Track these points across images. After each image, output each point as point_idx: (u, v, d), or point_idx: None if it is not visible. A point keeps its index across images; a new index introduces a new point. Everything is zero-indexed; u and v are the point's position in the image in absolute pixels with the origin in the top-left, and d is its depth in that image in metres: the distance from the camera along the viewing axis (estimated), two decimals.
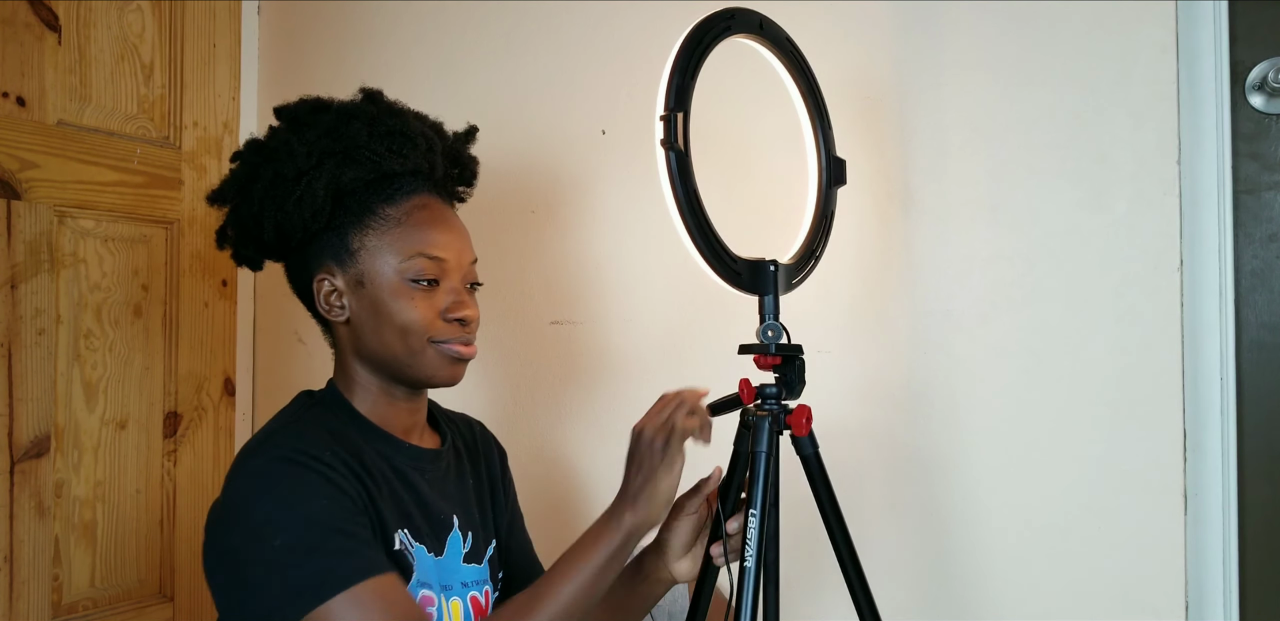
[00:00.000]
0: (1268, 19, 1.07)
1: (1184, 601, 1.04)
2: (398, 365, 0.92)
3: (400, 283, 0.91)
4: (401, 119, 0.95)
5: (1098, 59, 1.08)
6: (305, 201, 0.90)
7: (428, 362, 0.92)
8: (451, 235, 0.94)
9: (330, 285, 0.93)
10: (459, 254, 0.94)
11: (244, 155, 0.96)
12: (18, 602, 1.33)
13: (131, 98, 1.51)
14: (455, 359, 0.93)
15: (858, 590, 0.90)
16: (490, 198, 1.50)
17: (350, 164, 0.91)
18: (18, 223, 1.33)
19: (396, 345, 0.91)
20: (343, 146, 0.91)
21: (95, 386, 1.44)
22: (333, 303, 0.93)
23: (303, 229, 0.91)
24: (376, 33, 1.63)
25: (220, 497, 0.84)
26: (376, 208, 0.92)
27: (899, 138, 1.14)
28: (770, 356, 0.91)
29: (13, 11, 1.34)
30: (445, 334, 0.92)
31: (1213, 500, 1.05)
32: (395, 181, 0.93)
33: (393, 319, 0.91)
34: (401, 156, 0.92)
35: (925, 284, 1.17)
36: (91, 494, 1.44)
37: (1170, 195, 1.05)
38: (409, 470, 0.94)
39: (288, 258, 0.97)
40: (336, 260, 0.93)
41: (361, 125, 0.92)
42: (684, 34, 0.88)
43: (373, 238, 0.92)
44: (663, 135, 0.86)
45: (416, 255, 0.91)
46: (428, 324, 0.91)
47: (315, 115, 0.94)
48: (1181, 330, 1.05)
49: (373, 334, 0.92)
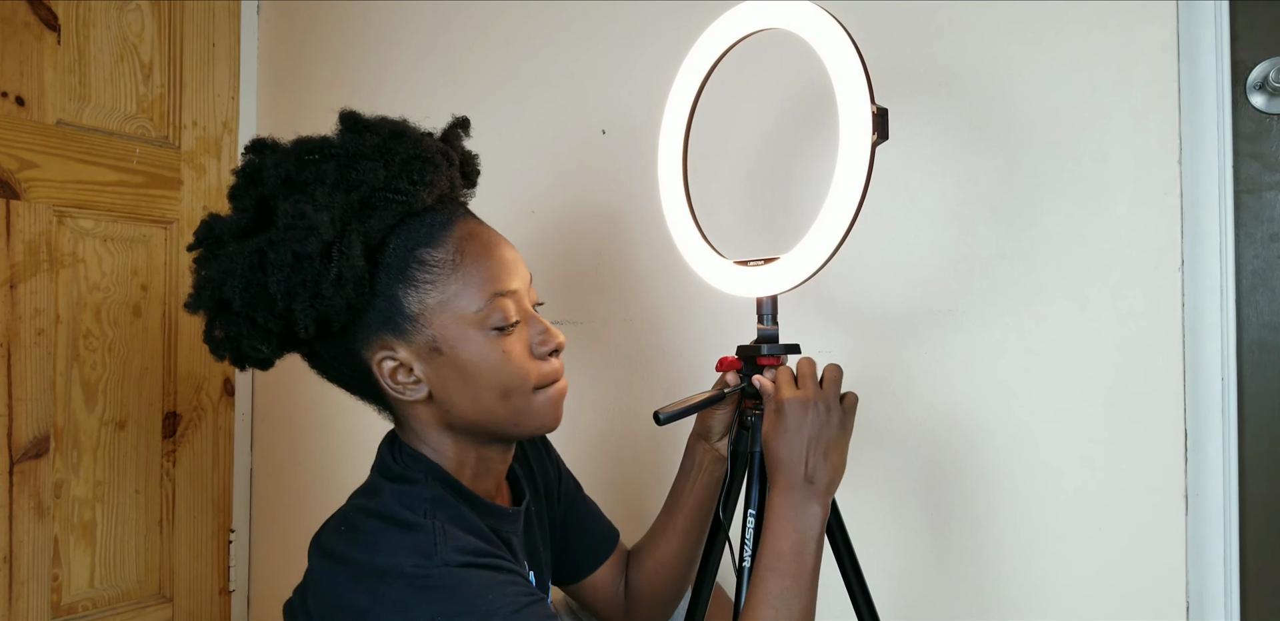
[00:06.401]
0: (1268, 19, 1.07)
1: (1184, 601, 1.04)
2: (500, 427, 0.80)
3: (483, 336, 0.76)
4: (409, 140, 0.79)
5: (1098, 59, 1.08)
6: (346, 278, 0.72)
7: (535, 413, 0.80)
8: (512, 255, 0.80)
9: (394, 361, 0.77)
10: (524, 276, 0.81)
11: (224, 241, 0.76)
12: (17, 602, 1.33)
13: (131, 97, 1.51)
14: (559, 399, 0.82)
15: (856, 590, 0.90)
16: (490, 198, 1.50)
17: (374, 213, 0.74)
18: (17, 222, 1.33)
19: (499, 408, 0.78)
20: (360, 196, 0.74)
21: (94, 386, 1.44)
22: (403, 380, 0.78)
23: (347, 310, 0.74)
24: (376, 33, 1.63)
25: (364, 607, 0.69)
26: (421, 255, 0.76)
27: (899, 137, 1.14)
28: (765, 357, 0.91)
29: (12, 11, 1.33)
30: (547, 376, 0.80)
31: (1213, 500, 1.05)
32: (426, 217, 0.78)
33: (489, 380, 0.77)
34: (429, 185, 0.77)
35: (925, 284, 1.16)
36: (91, 494, 1.43)
37: (1171, 195, 1.05)
38: (510, 536, 0.84)
39: (317, 345, 0.80)
40: (394, 331, 0.76)
41: (374, 163, 0.75)
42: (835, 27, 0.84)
43: (432, 292, 0.75)
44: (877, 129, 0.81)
45: (492, 297, 0.77)
46: (528, 373, 0.78)
47: (312, 168, 0.75)
48: (1182, 330, 1.05)
49: (468, 402, 0.78)
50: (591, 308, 1.41)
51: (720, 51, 0.98)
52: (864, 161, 0.82)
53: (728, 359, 0.93)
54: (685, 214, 0.99)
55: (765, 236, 1.27)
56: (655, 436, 1.35)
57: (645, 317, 1.37)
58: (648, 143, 0.87)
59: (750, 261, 0.92)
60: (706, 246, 0.97)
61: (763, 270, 0.90)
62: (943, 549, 1.16)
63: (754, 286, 0.92)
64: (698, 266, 0.98)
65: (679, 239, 1.00)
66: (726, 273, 0.94)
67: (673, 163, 1.00)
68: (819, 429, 0.79)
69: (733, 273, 0.94)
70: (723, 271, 0.95)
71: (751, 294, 0.92)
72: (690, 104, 1.00)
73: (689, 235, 0.99)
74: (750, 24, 0.94)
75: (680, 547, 1.00)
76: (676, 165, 1.00)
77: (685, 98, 1.00)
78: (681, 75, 1.00)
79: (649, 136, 0.85)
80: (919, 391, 1.17)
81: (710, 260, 0.97)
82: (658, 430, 1.34)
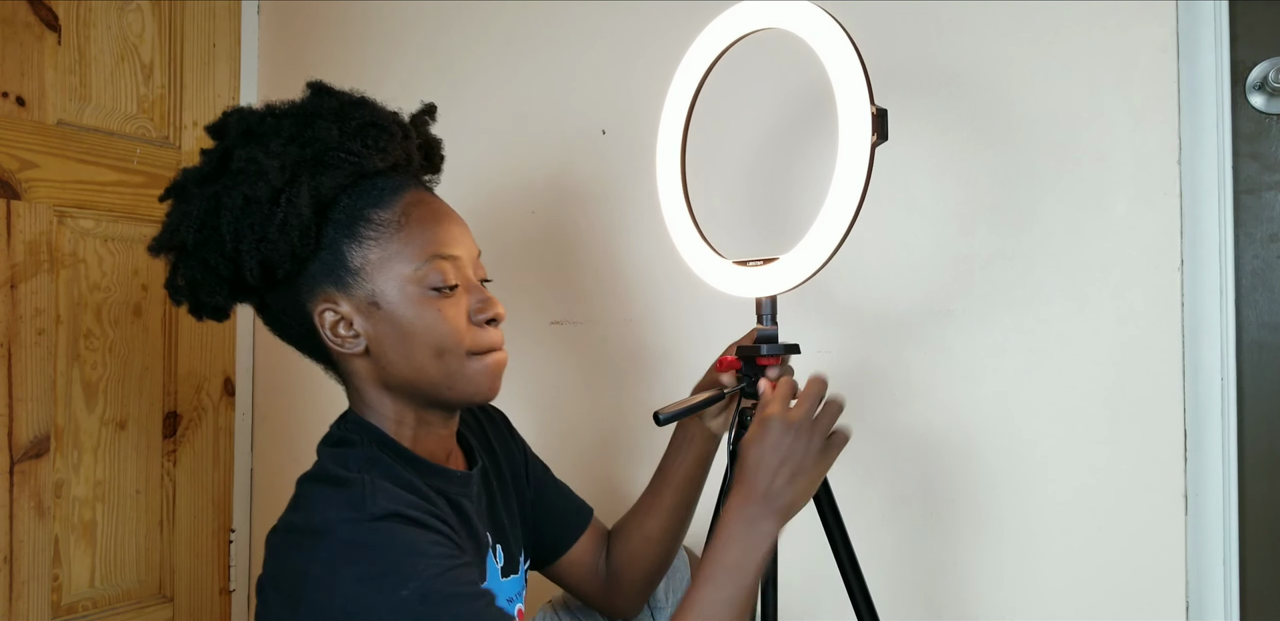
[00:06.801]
0: (1268, 19, 1.07)
1: (1184, 601, 1.04)
2: (435, 389, 0.83)
3: (420, 294, 0.81)
4: (368, 108, 0.85)
5: (1098, 59, 1.08)
6: (291, 224, 0.78)
7: (469, 379, 0.83)
8: (459, 227, 0.85)
9: (335, 314, 0.81)
10: (469, 248, 0.86)
11: (187, 188, 0.82)
12: (18, 602, 1.33)
13: (131, 97, 1.51)
14: (496, 370, 0.85)
15: (855, 590, 0.90)
16: (490, 198, 1.50)
17: (327, 170, 0.80)
18: (17, 222, 1.33)
19: (432, 367, 0.81)
20: (314, 151, 0.80)
21: (95, 386, 1.44)
22: (342, 333, 0.82)
23: (292, 257, 0.79)
24: (376, 33, 1.63)
25: (302, 569, 0.71)
26: (368, 214, 0.81)
27: (899, 137, 1.14)
28: (765, 357, 0.90)
29: (12, 11, 1.34)
30: (482, 343, 0.83)
31: (1213, 500, 1.05)
32: (378, 181, 0.83)
33: (423, 337, 0.81)
34: (382, 151, 0.83)
35: (925, 284, 1.16)
36: (91, 494, 1.44)
37: (1170, 195, 1.05)
38: (460, 499, 0.86)
39: (266, 296, 0.85)
40: (337, 284, 0.81)
41: (329, 123, 0.81)
42: (834, 28, 0.84)
43: (375, 249, 0.80)
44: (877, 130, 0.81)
45: (431, 258, 0.81)
46: (462, 335, 0.82)
47: (271, 122, 0.82)
48: (1182, 330, 1.05)
49: (403, 359, 0.81)
50: (591, 308, 1.41)
51: (719, 51, 0.98)
52: (863, 163, 0.82)
53: (727, 359, 0.93)
54: (684, 214, 0.99)
55: (764, 236, 1.27)
56: (654, 437, 1.36)
57: (645, 318, 1.37)
58: (647, 143, 0.87)
59: (750, 261, 0.92)
60: (706, 246, 0.97)
61: (762, 270, 0.90)
62: (942, 549, 1.16)
63: (753, 287, 0.92)
64: (697, 267, 0.98)
65: (678, 239, 1.00)
66: (726, 273, 0.94)
67: (671, 162, 1.00)
68: (795, 452, 0.77)
69: (732, 273, 0.94)
70: (722, 271, 0.95)
71: (751, 294, 0.92)
72: (689, 103, 1.00)
73: (688, 235, 0.99)
74: (749, 23, 0.94)
75: (668, 523, 0.99)
76: (675, 165, 1.00)
77: (684, 97, 1.00)
78: (680, 74, 1.00)
79: (649, 136, 0.85)
80: (919, 391, 1.17)
81: (710, 260, 0.96)
82: (657, 431, 1.34)
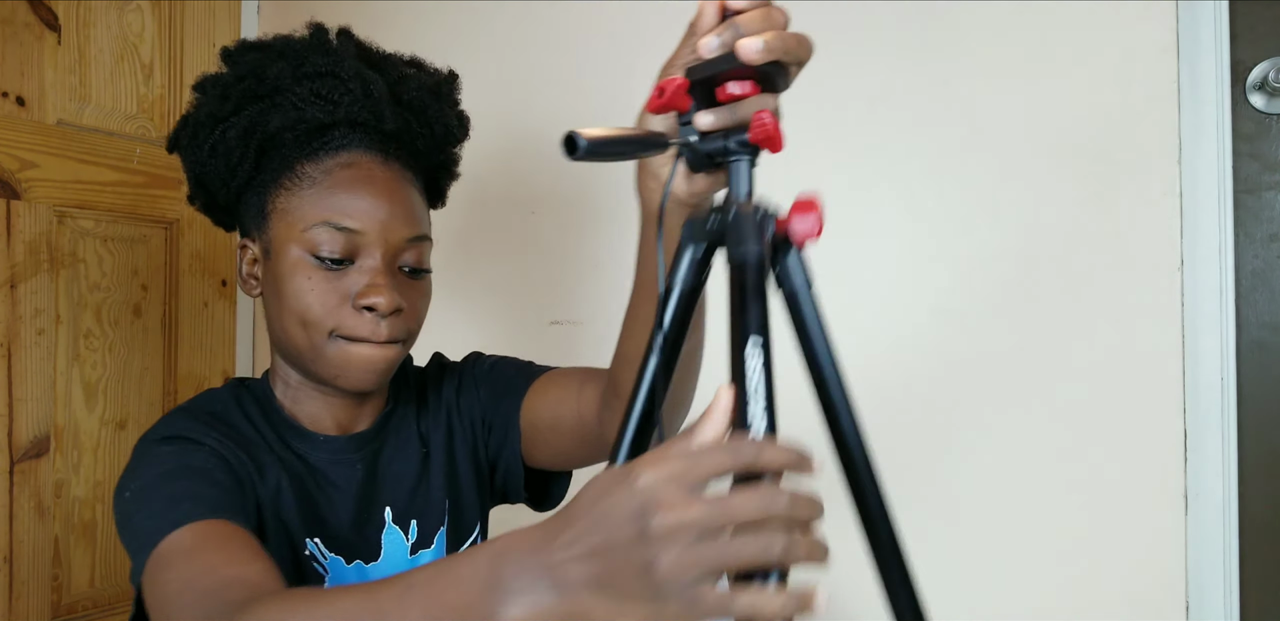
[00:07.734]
0: (1268, 19, 1.07)
1: (1184, 601, 1.04)
2: (302, 359, 0.78)
3: (300, 257, 0.76)
4: (334, 58, 0.80)
5: (1098, 59, 1.08)
6: (219, 151, 0.78)
7: (330, 361, 0.76)
8: (376, 202, 0.76)
9: (248, 253, 0.81)
10: (383, 227, 0.76)
11: (206, 89, 0.84)
12: (17, 602, 1.33)
13: (131, 97, 1.51)
14: (359, 361, 0.76)
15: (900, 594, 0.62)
16: (490, 197, 1.50)
17: (275, 111, 0.78)
18: (17, 222, 1.33)
19: (297, 335, 0.76)
20: (267, 90, 0.78)
21: (95, 386, 1.44)
22: (247, 275, 0.81)
23: (221, 184, 0.80)
24: (376, 33, 1.63)
25: None
26: (296, 165, 0.78)
27: (900, 137, 1.14)
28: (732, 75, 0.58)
29: (12, 11, 1.34)
30: (353, 327, 0.75)
31: (1213, 500, 1.05)
32: (325, 135, 0.78)
33: (288, 302, 0.76)
34: (329, 103, 0.77)
35: (924, 284, 1.16)
36: (91, 494, 1.44)
37: (1170, 195, 1.05)
38: (329, 467, 0.81)
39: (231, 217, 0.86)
40: (255, 225, 0.80)
41: (287, 65, 0.78)
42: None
43: (284, 199, 0.77)
44: None
45: (321, 224, 0.75)
46: (327, 312, 0.75)
47: (247, 53, 0.82)
48: (1181, 330, 1.05)
49: (275, 318, 0.78)
50: (591, 308, 1.41)
51: None
52: None
53: (669, 84, 0.58)
54: None
55: None
56: None
57: None
58: None
59: None
60: None
61: None
62: (942, 549, 1.16)
63: None
64: None
65: None
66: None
67: None
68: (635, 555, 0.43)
69: None
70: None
71: None
72: None
73: None
74: None
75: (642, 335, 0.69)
76: None
77: None
78: None
79: None
80: (919, 391, 1.17)
81: None
82: None
